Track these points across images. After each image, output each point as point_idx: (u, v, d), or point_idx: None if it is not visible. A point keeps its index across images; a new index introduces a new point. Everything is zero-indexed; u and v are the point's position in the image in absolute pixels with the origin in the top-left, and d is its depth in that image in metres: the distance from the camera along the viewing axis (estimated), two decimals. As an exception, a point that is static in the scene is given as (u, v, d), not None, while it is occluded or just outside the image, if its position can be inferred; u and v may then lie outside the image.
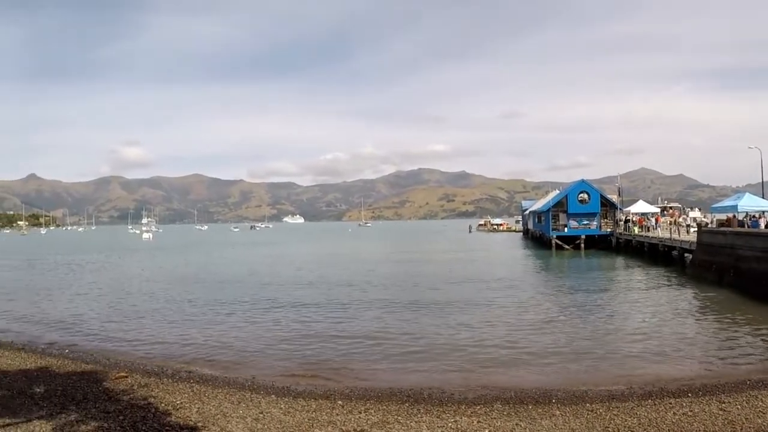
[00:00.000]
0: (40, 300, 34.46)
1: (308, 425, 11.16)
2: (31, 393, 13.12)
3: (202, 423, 11.14)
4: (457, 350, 19.03)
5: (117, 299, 33.96)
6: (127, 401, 12.67)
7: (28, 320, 27.32)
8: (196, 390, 14.15)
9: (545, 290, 33.52)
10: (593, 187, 71.74)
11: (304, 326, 23.95)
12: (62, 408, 11.92)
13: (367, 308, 28.05)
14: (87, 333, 23.92)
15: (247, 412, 12.08)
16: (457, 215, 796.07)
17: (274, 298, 32.31)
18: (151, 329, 24.42)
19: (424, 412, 12.25)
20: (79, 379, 14.83)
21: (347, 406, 12.77)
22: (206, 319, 26.63)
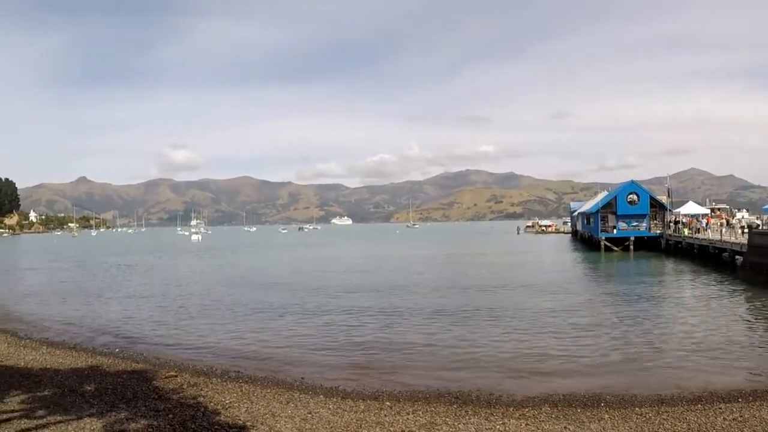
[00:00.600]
0: (91, 300, 35.30)
1: (356, 426, 11.17)
2: (82, 391, 13.41)
3: (251, 422, 11.21)
4: (506, 352, 18.90)
5: (166, 300, 34.61)
6: (177, 400, 12.86)
7: (80, 320, 27.96)
8: (245, 389, 14.30)
9: (594, 293, 32.97)
10: (643, 188, 70.89)
11: (353, 327, 24.02)
12: (112, 406, 12.15)
13: (415, 310, 27.98)
14: (137, 333, 24.42)
15: (296, 412, 12.15)
16: (505, 217, 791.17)
17: (323, 300, 32.53)
18: (201, 330, 24.80)
19: (472, 414, 12.21)
20: (129, 377, 15.12)
21: (395, 407, 12.79)
22: (255, 319, 26.91)
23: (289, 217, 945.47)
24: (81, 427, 10.47)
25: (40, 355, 18.35)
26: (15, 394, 12.83)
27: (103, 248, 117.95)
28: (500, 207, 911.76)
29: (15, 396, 12.69)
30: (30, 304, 34.34)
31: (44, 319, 28.23)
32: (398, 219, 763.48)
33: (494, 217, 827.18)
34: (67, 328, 25.74)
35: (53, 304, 34.17)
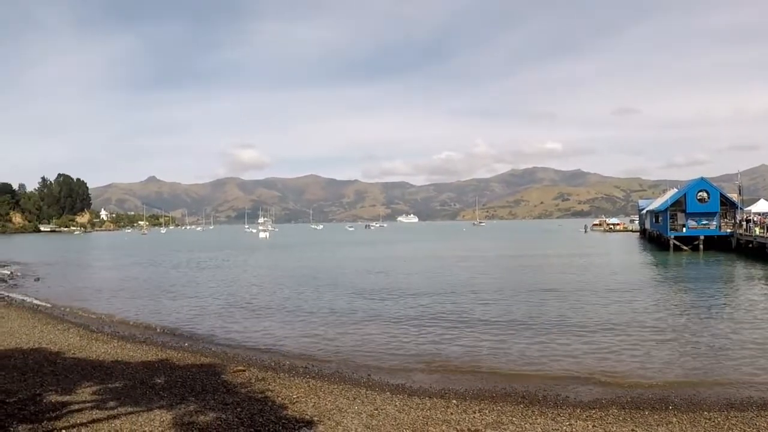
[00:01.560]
0: (161, 296, 36.32)
1: (423, 423, 11.17)
2: (152, 384, 13.75)
3: (318, 417, 11.30)
4: (573, 353, 18.65)
5: (235, 296, 35.29)
6: (245, 394, 13.06)
7: (150, 315, 28.77)
8: (312, 385, 14.43)
9: (663, 295, 31.90)
10: (712, 185, 68.80)
11: (419, 327, 23.98)
12: (182, 399, 12.43)
13: (483, 308, 27.79)
14: (206, 328, 24.97)
15: (363, 408, 12.21)
16: (572, 215, 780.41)
17: (391, 297, 32.66)
18: (269, 325, 25.19)
19: (539, 414, 12.13)
20: (198, 371, 15.44)
21: (462, 405, 12.76)
22: (322, 316, 27.18)
23: (355, 215, 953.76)
24: (151, 419, 10.72)
25: (111, 348, 18.92)
26: (87, 385, 13.25)
27: (172, 245, 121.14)
28: (567, 205, 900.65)
29: (87, 387, 13.10)
30: (102, 299, 35.53)
31: (115, 314, 29.14)
32: (464, 217, 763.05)
33: (561, 215, 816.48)
34: (137, 323, 26.55)
35: (124, 299, 35.27)
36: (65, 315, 28.48)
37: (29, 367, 15.03)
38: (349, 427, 10.80)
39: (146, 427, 10.20)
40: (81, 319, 27.51)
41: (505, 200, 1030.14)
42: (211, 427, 10.32)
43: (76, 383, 13.43)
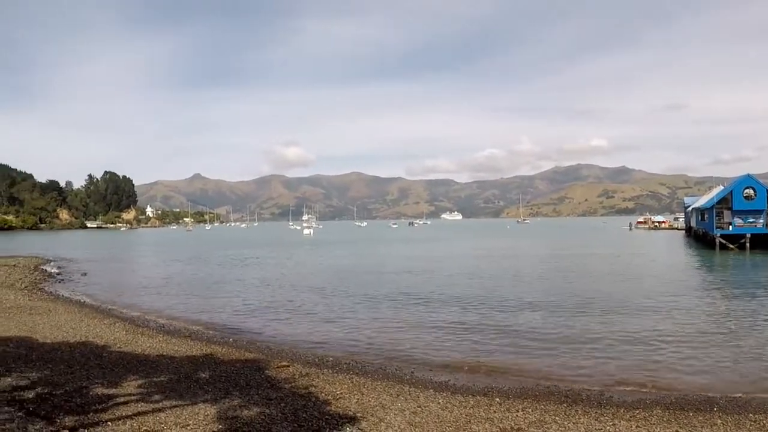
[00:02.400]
0: (206, 291, 36.86)
1: (466, 421, 11.14)
2: (197, 378, 13.91)
3: (362, 414, 11.33)
4: (616, 353, 18.44)
5: (279, 292, 35.61)
6: (289, 389, 13.14)
7: (195, 310, 29.24)
8: (356, 381, 14.49)
9: (710, 296, 31.13)
10: (759, 182, 66.91)
11: (463, 323, 23.92)
12: (226, 393, 12.53)
13: (527, 307, 27.54)
14: (250, 323, 25.28)
15: (406, 405, 12.22)
16: (616, 212, 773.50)
17: (435, 294, 32.61)
18: (312, 322, 25.37)
19: (582, 413, 12.05)
20: (243, 366, 15.58)
21: (505, 403, 12.73)
22: (366, 313, 27.25)
23: (399, 212, 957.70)
24: (195, 412, 10.83)
25: (156, 343, 19.23)
26: (133, 379, 13.46)
27: (217, 242, 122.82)
28: (612, 202, 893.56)
29: (133, 380, 13.31)
30: (147, 294, 36.19)
31: (160, 309, 29.67)
32: (508, 214, 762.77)
33: (606, 212, 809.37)
34: (182, 318, 26.98)
35: (169, 294, 35.87)
36: (111, 310, 29.09)
37: (76, 360, 15.34)
38: (392, 423, 10.81)
39: (190, 420, 10.30)
40: (127, 313, 28.05)
41: (549, 197, 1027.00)
42: (254, 422, 10.38)
43: (122, 377, 13.66)
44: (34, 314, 24.36)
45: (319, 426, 10.41)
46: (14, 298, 29.83)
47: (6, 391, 11.73)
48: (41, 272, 50.52)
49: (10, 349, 16.51)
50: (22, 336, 18.87)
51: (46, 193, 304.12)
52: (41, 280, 44.22)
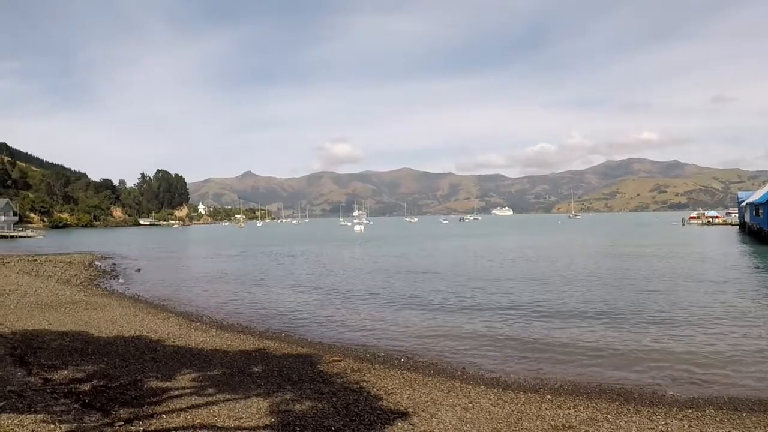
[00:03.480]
0: (258, 287, 37.26)
1: (516, 418, 11.12)
2: (249, 372, 14.08)
3: (413, 409, 11.35)
4: (668, 352, 18.01)
5: (330, 288, 35.80)
6: (340, 384, 13.22)
7: (248, 306, 29.57)
8: (407, 377, 14.53)
9: (766, 296, 30.15)
10: None
11: (516, 320, 23.69)
12: (278, 387, 12.67)
13: (578, 307, 26.85)
14: (302, 318, 25.48)
15: (457, 401, 12.22)
16: (669, 207, 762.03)
17: (486, 290, 32.42)
18: (363, 317, 25.44)
19: (634, 412, 11.91)
20: (295, 361, 15.73)
21: (556, 401, 12.66)
22: (417, 309, 27.21)
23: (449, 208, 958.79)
24: (248, 406, 10.95)
25: (210, 337, 19.52)
26: (186, 372, 13.69)
27: (268, 238, 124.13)
28: (664, 197, 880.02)
29: (186, 374, 13.54)
30: (200, 289, 36.75)
31: (213, 304, 30.10)
32: (559, 210, 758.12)
33: (658, 207, 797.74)
34: (235, 313, 27.32)
35: (221, 290, 36.35)
36: (165, 305, 29.59)
37: (130, 354, 15.66)
38: (443, 419, 10.81)
39: (243, 414, 10.42)
40: (180, 308, 28.52)
41: (601, 192, 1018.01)
42: (307, 416, 10.47)
43: (176, 370, 13.89)
44: (89, 309, 24.95)
45: (371, 420, 10.47)
46: (70, 294, 30.58)
47: (63, 384, 12.04)
48: (96, 268, 51.66)
49: (67, 342, 16.94)
50: (78, 330, 19.34)
51: (100, 192, 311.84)
52: (96, 276, 45.26)
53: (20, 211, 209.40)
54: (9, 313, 22.52)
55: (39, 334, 17.99)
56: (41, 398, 10.43)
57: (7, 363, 13.23)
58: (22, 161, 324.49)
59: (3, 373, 12.06)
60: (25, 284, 34.19)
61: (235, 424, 9.87)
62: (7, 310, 23.37)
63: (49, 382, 12.02)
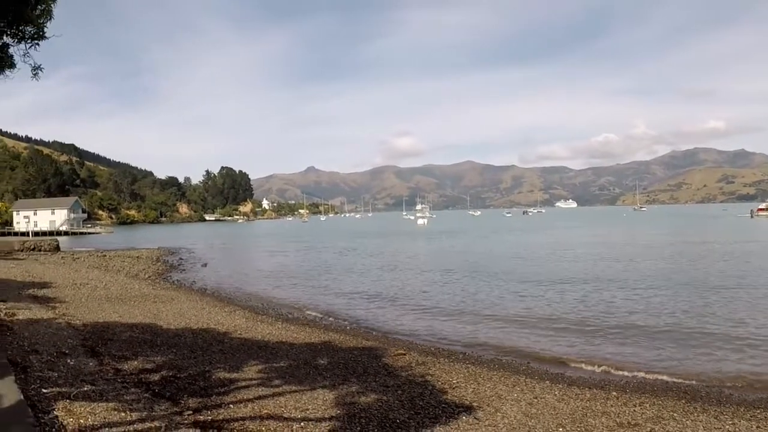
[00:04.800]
0: (322, 280, 37.68)
1: (582, 414, 10.97)
2: (315, 364, 14.20)
3: (477, 403, 11.32)
4: (741, 350, 17.48)
5: (394, 281, 35.98)
6: (405, 377, 13.22)
7: (312, 299, 29.96)
8: (472, 371, 14.46)
9: None
10: None
11: (580, 316, 23.31)
12: (344, 379, 12.74)
13: (646, 304, 26.04)
14: (367, 312, 25.69)
15: (522, 396, 12.13)
16: (737, 198, 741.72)
17: (550, 286, 31.93)
18: (428, 310, 25.48)
19: (701, 411, 11.59)
20: (360, 353, 15.79)
21: (621, 397, 12.44)
22: (483, 303, 27.11)
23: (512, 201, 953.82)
24: (314, 397, 11.04)
25: (276, 330, 19.77)
26: (253, 364, 13.88)
27: (332, 232, 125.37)
28: (732, 188, 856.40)
29: (253, 366, 13.73)
30: (265, 283, 37.39)
31: (278, 297, 30.62)
32: (624, 202, 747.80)
33: (725, 199, 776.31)
34: (300, 306, 27.69)
35: (286, 283, 36.89)
36: (231, 298, 30.16)
37: (198, 346, 15.97)
38: (508, 414, 10.74)
39: (309, 405, 10.51)
40: (246, 301, 29.02)
41: (666, 184, 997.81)
42: (372, 408, 10.50)
43: (243, 362, 14.10)
44: (157, 302, 25.55)
45: (436, 414, 10.45)
46: (139, 288, 31.38)
47: (133, 374, 12.35)
48: (163, 263, 52.99)
49: (136, 334, 17.38)
50: (147, 323, 19.82)
51: (166, 189, 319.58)
52: (164, 270, 46.43)
53: (89, 209, 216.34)
54: (80, 306, 23.21)
55: (109, 326, 18.51)
56: (112, 387, 10.70)
57: (80, 353, 13.64)
58: (89, 161, 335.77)
59: (75, 363, 12.43)
60: (95, 278, 35.24)
61: (302, 415, 9.96)
62: (79, 303, 24.08)
63: (119, 372, 12.35)
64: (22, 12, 10.95)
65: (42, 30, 11.79)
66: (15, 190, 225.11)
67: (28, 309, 20.11)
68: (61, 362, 12.24)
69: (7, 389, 9.00)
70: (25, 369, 10.94)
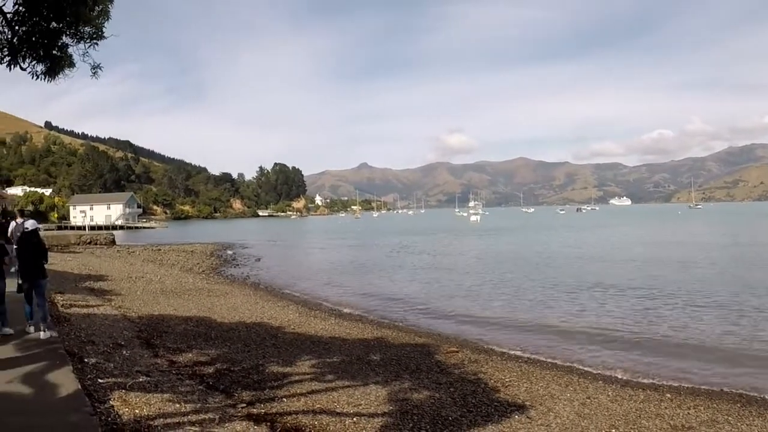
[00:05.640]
0: (375, 276, 37.85)
1: (635, 415, 10.83)
2: (368, 360, 14.26)
3: (530, 402, 11.26)
4: None
5: (446, 278, 35.84)
6: (458, 375, 13.21)
7: (365, 295, 30.05)
8: (525, 369, 14.39)
9: None
10: None
11: (638, 318, 22.73)
12: (396, 376, 12.77)
13: (703, 307, 25.13)
14: (418, 308, 25.65)
15: (575, 395, 12.01)
16: None
17: (609, 284, 31.25)
18: (481, 308, 25.34)
19: (756, 415, 11.27)
20: (412, 350, 15.80)
21: (675, 400, 12.19)
22: (535, 301, 26.92)
23: (566, 198, 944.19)
24: (367, 393, 11.08)
25: (328, 325, 19.90)
26: (306, 359, 13.99)
27: (385, 229, 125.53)
28: None
29: (306, 360, 13.84)
30: (318, 278, 37.65)
31: (331, 293, 30.78)
32: (679, 199, 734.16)
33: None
34: (353, 302, 27.76)
35: (339, 279, 37.12)
36: (284, 293, 30.48)
37: (252, 340, 16.17)
38: (561, 413, 10.66)
39: (362, 400, 10.56)
40: (299, 296, 29.31)
41: (723, 181, 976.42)
42: (424, 405, 10.50)
43: (296, 356, 14.23)
44: (211, 296, 25.95)
45: (488, 412, 10.45)
46: (193, 281, 31.90)
47: (188, 366, 12.56)
48: (217, 257, 53.74)
49: (191, 327, 17.67)
50: (202, 316, 20.14)
51: (220, 185, 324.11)
52: (218, 264, 47.11)
53: (144, 204, 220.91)
54: (136, 298, 23.70)
55: (164, 319, 18.86)
56: (167, 379, 10.90)
57: (135, 345, 13.91)
58: (144, 157, 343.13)
59: (131, 354, 12.69)
60: (150, 272, 35.96)
61: (354, 410, 10.01)
62: (134, 295, 24.59)
63: (174, 364, 12.56)
64: (81, 13, 11.16)
65: (100, 30, 12.03)
66: (72, 185, 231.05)
67: (85, 301, 20.59)
68: (116, 353, 12.52)
69: (65, 379, 9.23)
70: (81, 359, 11.21)
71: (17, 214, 26.97)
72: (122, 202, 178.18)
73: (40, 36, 11.55)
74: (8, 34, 11.51)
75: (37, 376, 9.46)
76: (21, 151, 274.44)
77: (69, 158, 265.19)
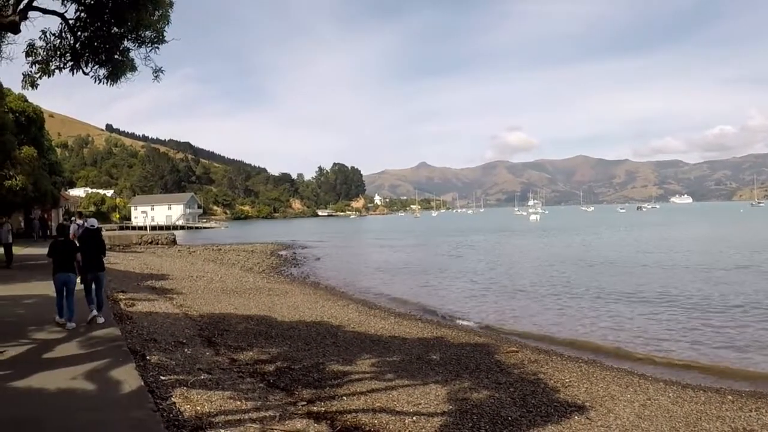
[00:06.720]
0: (434, 276, 37.74)
1: (696, 417, 10.68)
2: (427, 359, 14.27)
3: (590, 403, 11.19)
4: None
5: (507, 278, 35.58)
6: (517, 375, 13.16)
7: (425, 294, 30.06)
8: (585, 370, 14.26)
9: None
10: None
11: (699, 321, 21.98)
12: (456, 375, 12.77)
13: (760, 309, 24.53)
14: (477, 307, 25.63)
15: (635, 397, 11.89)
16: None
17: (670, 288, 30.26)
18: (540, 308, 25.16)
19: None
20: (472, 350, 15.75)
21: (737, 402, 11.97)
22: (596, 301, 26.55)
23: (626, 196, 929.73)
24: (426, 392, 11.09)
25: (388, 324, 19.95)
26: (366, 358, 14.07)
27: (444, 228, 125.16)
28: None
29: (366, 359, 13.92)
30: (378, 277, 37.81)
31: (391, 292, 30.80)
32: (741, 197, 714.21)
33: None
34: (412, 301, 27.81)
35: (399, 278, 37.21)
36: (344, 292, 30.66)
37: (312, 338, 16.31)
38: (621, 415, 10.58)
39: (422, 400, 10.58)
40: (359, 295, 29.46)
41: None
42: (484, 405, 10.50)
43: (356, 355, 14.32)
44: (272, 295, 26.25)
45: (548, 412, 10.42)
46: (253, 281, 32.30)
47: (249, 364, 12.75)
48: (277, 257, 54.30)
49: (251, 326, 17.92)
50: (262, 315, 20.39)
51: (279, 185, 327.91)
52: (278, 264, 47.61)
53: (204, 204, 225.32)
54: (197, 297, 24.14)
55: (225, 318, 19.17)
56: (228, 377, 11.09)
57: (197, 343, 14.18)
58: (204, 159, 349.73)
59: (192, 352, 12.94)
60: (210, 271, 36.56)
61: (414, 409, 10.03)
62: (195, 294, 25.06)
63: (235, 362, 12.77)
64: (142, 18, 11.44)
65: (161, 34, 12.31)
66: (133, 186, 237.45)
67: (147, 300, 21.10)
68: (178, 351, 12.79)
69: (127, 376, 9.49)
70: (144, 357, 11.48)
71: (76, 216, 27.81)
72: (183, 202, 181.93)
73: (101, 41, 11.88)
74: (71, 40, 11.86)
75: (101, 373, 9.75)
76: (83, 154, 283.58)
77: (130, 160, 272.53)
